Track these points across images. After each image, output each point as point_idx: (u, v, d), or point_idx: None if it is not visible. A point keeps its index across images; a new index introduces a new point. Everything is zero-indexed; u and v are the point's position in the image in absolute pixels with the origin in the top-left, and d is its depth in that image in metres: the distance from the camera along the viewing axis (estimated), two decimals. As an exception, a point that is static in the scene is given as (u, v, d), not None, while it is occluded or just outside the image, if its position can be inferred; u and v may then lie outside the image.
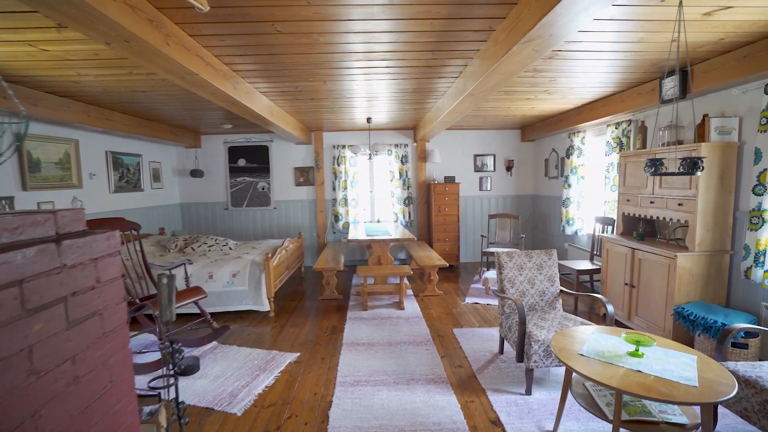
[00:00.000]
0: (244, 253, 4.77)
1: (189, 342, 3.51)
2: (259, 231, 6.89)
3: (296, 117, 5.32)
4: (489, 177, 6.90)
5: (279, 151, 6.77)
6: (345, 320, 4.16)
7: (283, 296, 5.07)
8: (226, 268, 4.32)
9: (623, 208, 3.99)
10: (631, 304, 3.66)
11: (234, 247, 5.20)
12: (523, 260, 3.24)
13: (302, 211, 6.87)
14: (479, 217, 6.97)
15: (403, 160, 6.63)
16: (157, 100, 4.04)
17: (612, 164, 4.54)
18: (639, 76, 3.52)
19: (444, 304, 4.66)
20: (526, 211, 6.98)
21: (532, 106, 4.82)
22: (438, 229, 6.40)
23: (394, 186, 6.67)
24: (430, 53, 2.84)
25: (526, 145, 6.92)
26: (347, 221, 6.72)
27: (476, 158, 6.87)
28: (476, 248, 7.00)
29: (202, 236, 5.32)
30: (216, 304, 4.27)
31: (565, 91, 4.04)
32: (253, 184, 6.80)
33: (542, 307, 3.18)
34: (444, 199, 6.37)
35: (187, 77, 2.49)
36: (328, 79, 3.43)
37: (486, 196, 6.93)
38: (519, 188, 6.97)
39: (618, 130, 4.45)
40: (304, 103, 4.43)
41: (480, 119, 5.82)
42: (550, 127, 5.75)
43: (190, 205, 6.87)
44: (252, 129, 6.35)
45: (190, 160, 6.75)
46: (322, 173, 6.71)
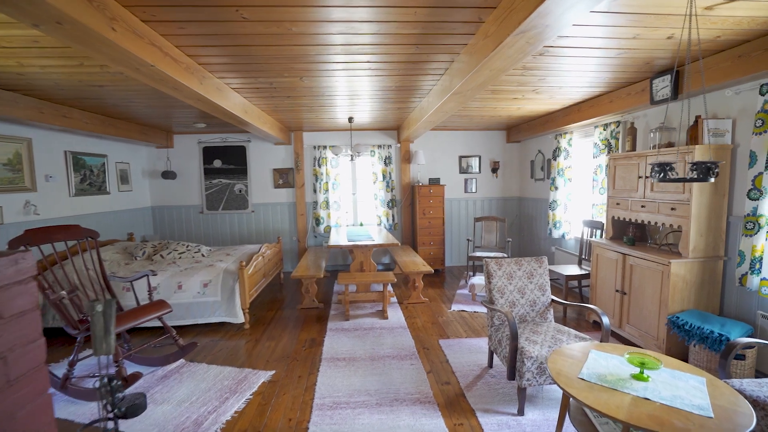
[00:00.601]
0: (217, 261, 4.47)
1: (152, 361, 3.21)
2: (236, 235, 6.57)
3: (273, 116, 5.05)
4: (474, 179, 6.75)
5: (257, 152, 6.46)
6: (325, 332, 3.92)
7: (260, 306, 4.78)
8: (197, 277, 4.02)
9: (613, 212, 3.88)
10: (622, 311, 3.54)
11: (207, 253, 4.89)
12: (512, 268, 3.06)
13: (282, 214, 6.58)
14: (465, 220, 6.81)
15: (386, 162, 6.42)
16: (118, 96, 3.72)
17: (600, 166, 4.43)
18: (630, 76, 3.39)
19: (429, 312, 4.46)
20: (511, 214, 6.87)
21: (519, 106, 4.68)
22: (423, 233, 6.22)
23: (378, 188, 6.46)
24: (413, 47, 2.63)
25: (512, 146, 6.80)
26: (329, 225, 6.46)
27: (461, 159, 6.71)
28: (462, 252, 6.84)
29: (172, 242, 4.98)
30: (186, 317, 3.96)
31: (553, 90, 3.90)
32: (230, 186, 6.48)
33: (533, 318, 3.02)
34: (429, 202, 6.19)
35: (142, 69, 2.22)
36: (305, 75, 3.19)
37: (471, 199, 6.79)
38: (505, 190, 6.85)
39: (606, 132, 4.34)
40: (280, 101, 4.16)
41: (465, 120, 5.66)
42: (537, 128, 5.64)
43: (162, 209, 6.49)
44: (228, 129, 6.04)
45: (161, 161, 6.37)
46: (302, 175, 6.44)
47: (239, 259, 4.67)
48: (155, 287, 3.92)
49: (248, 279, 4.11)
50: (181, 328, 4.03)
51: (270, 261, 5.16)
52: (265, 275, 4.83)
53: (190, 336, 3.89)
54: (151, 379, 2.97)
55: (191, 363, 3.25)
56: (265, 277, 4.84)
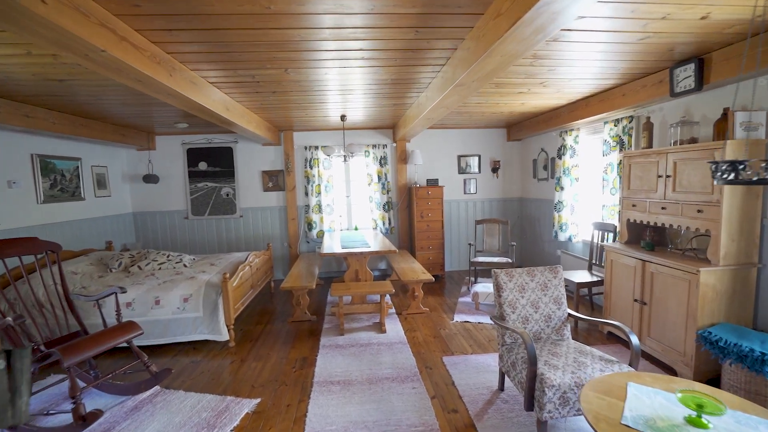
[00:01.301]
0: (199, 272, 4.11)
1: (122, 389, 2.85)
2: (223, 242, 6.20)
3: (260, 115, 4.70)
4: (474, 179, 6.44)
5: (245, 153, 6.11)
6: (318, 349, 3.58)
7: (247, 319, 4.43)
8: (177, 291, 3.66)
9: (628, 214, 3.58)
10: (642, 323, 3.24)
11: (190, 263, 4.53)
12: (524, 280, 2.75)
13: (272, 219, 6.23)
14: (464, 222, 6.50)
15: (381, 162, 6.10)
16: (85, 93, 3.36)
17: (611, 165, 4.13)
18: (648, 65, 3.09)
19: (430, 323, 4.14)
20: (513, 216, 6.57)
21: (524, 101, 4.38)
22: (421, 237, 5.90)
23: (373, 190, 6.13)
24: (412, 32, 2.31)
25: (513, 144, 6.50)
26: (322, 229, 6.12)
27: (460, 159, 6.40)
28: (462, 256, 6.53)
29: (152, 252, 4.62)
30: (164, 335, 3.61)
31: (562, 83, 3.60)
32: (216, 189, 6.11)
33: (548, 335, 2.70)
34: (427, 204, 5.87)
35: (91, 55, 1.87)
36: (291, 67, 2.85)
37: (471, 200, 6.48)
38: (506, 191, 6.55)
39: (618, 128, 4.04)
40: (265, 98, 3.82)
41: (464, 117, 5.35)
42: (540, 125, 5.34)
43: (144, 215, 6.11)
44: (213, 129, 5.68)
45: (143, 164, 6.00)
46: (293, 177, 6.09)
47: (224, 269, 4.32)
48: (130, 302, 3.56)
49: (233, 292, 3.76)
50: (160, 348, 3.67)
51: (259, 270, 4.81)
52: (253, 286, 4.48)
53: (170, 356, 3.54)
54: (119, 413, 2.62)
55: (167, 390, 2.90)
56: (253, 288, 4.49)
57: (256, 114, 4.65)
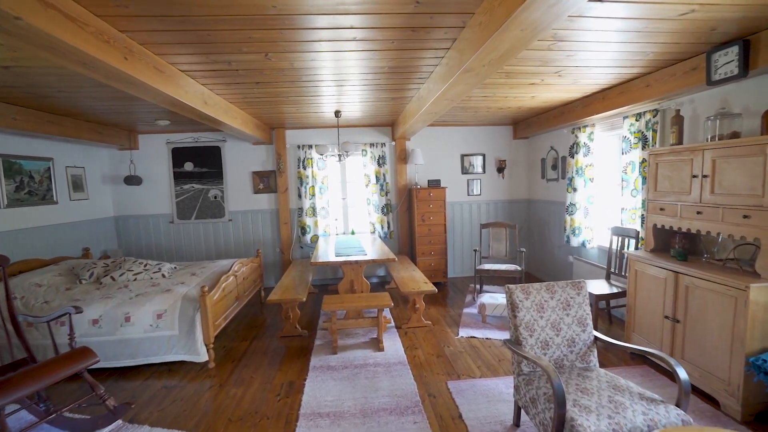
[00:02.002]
0: (178, 284, 3.72)
1: (78, 425, 2.46)
2: (211, 248, 5.81)
3: (246, 110, 4.31)
4: (478, 180, 6.06)
5: (233, 153, 5.72)
6: (307, 371, 3.19)
7: (232, 334, 4.04)
8: (149, 306, 3.27)
9: (655, 219, 3.19)
10: (674, 343, 2.84)
11: (169, 273, 4.13)
12: (543, 297, 2.36)
13: (263, 222, 5.84)
14: (468, 226, 6.11)
15: (380, 162, 5.71)
16: (40, 83, 2.97)
17: (632, 164, 3.74)
18: (682, 48, 2.70)
19: (433, 339, 3.75)
20: (520, 219, 6.18)
21: (534, 95, 3.99)
22: (422, 242, 5.51)
23: (370, 192, 5.74)
24: (412, 3, 1.92)
25: (520, 143, 6.11)
26: (316, 234, 5.73)
27: (463, 159, 6.02)
28: (465, 262, 6.14)
29: (129, 260, 4.23)
30: (135, 355, 3.22)
31: (579, 72, 3.21)
32: (204, 192, 5.73)
33: (572, 362, 2.31)
34: (428, 207, 5.48)
35: (5, 26, 1.48)
36: (271, 50, 2.47)
37: (475, 202, 6.09)
38: (512, 192, 6.16)
39: (640, 123, 3.66)
40: (249, 90, 3.44)
41: (469, 113, 4.96)
42: (549, 122, 4.96)
43: (127, 219, 5.72)
44: (199, 127, 5.30)
45: (125, 165, 5.61)
46: (285, 178, 5.71)
47: (207, 280, 3.93)
48: (97, 319, 3.17)
49: (213, 307, 3.37)
50: (131, 370, 3.29)
51: (246, 279, 4.43)
52: (238, 297, 4.09)
53: (141, 379, 3.15)
54: (69, 456, 2.23)
55: (130, 425, 2.51)
56: (239, 299, 4.10)
57: (242, 110, 4.26)
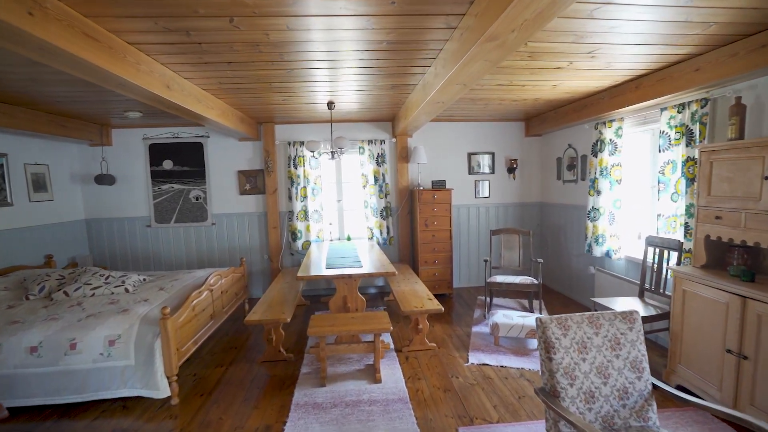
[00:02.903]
0: (140, 301, 3.18)
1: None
2: (193, 254, 5.28)
3: (225, 99, 3.77)
4: (486, 181, 5.52)
5: (217, 150, 5.19)
6: (289, 409, 2.65)
7: (206, 357, 3.50)
8: (101, 330, 2.73)
9: (708, 229, 2.65)
10: (740, 384, 2.30)
11: (135, 287, 3.59)
12: (585, 333, 1.83)
13: (250, 227, 5.30)
14: (476, 231, 5.57)
15: (379, 161, 5.17)
16: (-34, 62, 2.44)
17: (672, 163, 3.21)
18: (754, 18, 2.17)
19: (439, 366, 3.21)
20: (532, 224, 5.64)
21: (558, 82, 3.45)
22: (425, 249, 4.97)
23: (368, 193, 5.20)
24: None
25: (532, 140, 5.58)
26: (308, 240, 5.19)
27: (471, 157, 5.48)
28: (473, 270, 5.60)
29: (89, 271, 3.69)
30: (83, 390, 2.68)
31: (617, 51, 2.67)
32: (184, 192, 5.19)
33: (625, 420, 1.77)
34: (432, 210, 4.95)
35: None
36: (236, 14, 1.93)
37: (483, 205, 5.55)
38: (524, 195, 5.62)
39: (683, 115, 3.12)
40: (221, 73, 2.90)
41: (478, 107, 4.43)
42: (568, 117, 4.42)
43: (99, 222, 5.19)
44: (178, 121, 4.77)
45: (98, 162, 5.08)
46: (274, 178, 5.17)
47: (177, 295, 3.39)
48: (36, 347, 2.64)
49: (179, 331, 2.84)
50: (77, 407, 2.75)
51: (226, 293, 3.89)
52: (214, 316, 3.56)
53: (90, 418, 2.62)
54: None
55: (57, 491, 1.97)
56: (215, 318, 3.56)
57: (219, 98, 3.72)
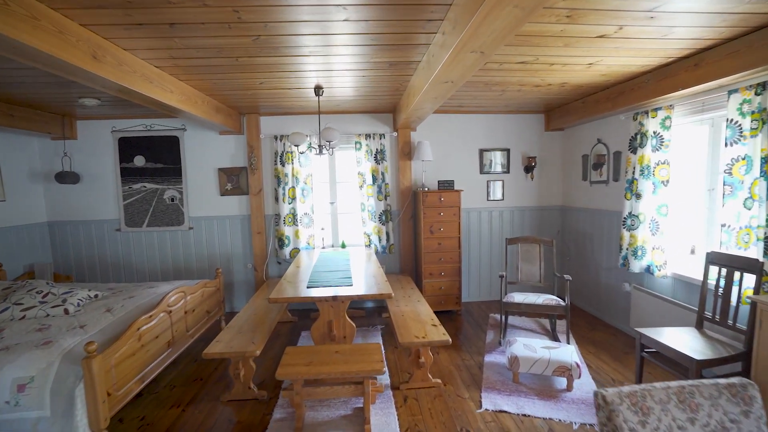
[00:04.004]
0: (74, 328, 2.57)
1: None
2: (168, 262, 4.68)
3: (189, 81, 3.15)
4: (500, 181, 4.85)
5: (195, 145, 4.58)
6: (248, 478, 2.03)
7: (163, 393, 2.89)
8: (10, 370, 2.13)
9: (809, 248, 1.97)
10: None
11: (78, 307, 2.98)
12: (675, 419, 1.17)
13: (232, 231, 4.69)
14: (487, 237, 4.90)
15: (378, 158, 4.53)
16: None
17: (747, 159, 2.52)
18: None
19: (445, 412, 2.56)
20: (551, 230, 4.95)
21: (595, 59, 2.77)
22: (430, 259, 4.32)
23: (366, 195, 4.56)
24: None
25: (553, 136, 4.89)
26: (297, 247, 4.57)
27: (483, 155, 4.81)
28: (483, 282, 4.93)
29: (28, 285, 3.09)
30: (-14, 447, 2.08)
31: (682, 9, 2.01)
32: (158, 193, 4.60)
33: None
34: (438, 215, 4.30)
35: None
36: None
37: (497, 208, 4.88)
38: (543, 197, 4.94)
39: (763, 97, 2.43)
40: (166, 38, 2.27)
41: (493, 94, 3.76)
42: (599, 106, 3.74)
43: (63, 225, 4.62)
44: (149, 112, 4.18)
45: (66, 158, 4.51)
46: (259, 177, 4.55)
47: (127, 318, 2.78)
48: (-73, 391, 2.04)
49: (113, 370, 2.22)
50: (-21, 468, 2.15)
51: (192, 313, 3.28)
52: (173, 343, 2.94)
53: (-7, 484, 2.01)
54: None
55: None
56: (173, 346, 2.95)
57: (183, 81, 3.10)
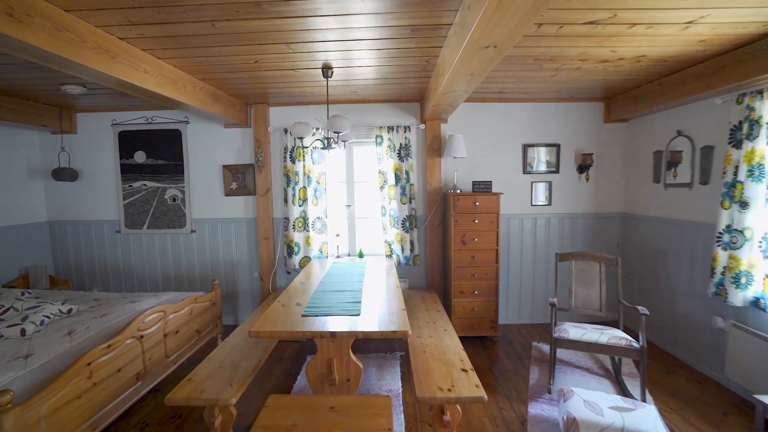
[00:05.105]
0: (18, 358, 2.11)
1: None
2: (169, 268, 4.25)
3: (171, 61, 2.63)
4: (548, 183, 4.06)
5: (198, 139, 4.12)
6: None
7: (132, 435, 2.39)
8: None
9: None
10: None
11: (39, 326, 2.53)
12: None
13: (237, 236, 4.20)
14: (530, 250, 4.13)
15: (402, 154, 3.88)
16: None
17: None
18: None
19: (479, 499, 1.88)
20: (610, 243, 4.11)
21: (701, 13, 1.99)
22: (461, 274, 3.62)
23: (387, 197, 3.93)
24: None
25: (614, 128, 4.04)
26: (308, 256, 4.00)
27: (526, 151, 4.05)
28: (525, 302, 4.16)
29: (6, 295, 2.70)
30: None
31: None
32: (159, 192, 4.18)
33: None
34: (472, 222, 3.59)
35: None
36: None
37: (542, 215, 4.10)
38: (601, 203, 4.10)
39: None
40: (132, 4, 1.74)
41: (544, 75, 3.01)
42: (683, 88, 2.90)
43: (63, 225, 4.30)
44: (149, 103, 3.75)
45: (63, 154, 4.18)
46: (267, 175, 4.03)
47: (88, 343, 2.30)
48: None
49: (42, 424, 1.72)
50: None
51: (175, 335, 2.78)
52: (143, 375, 2.43)
53: None
54: None
55: None
56: (143, 378, 2.44)
57: (166, 61, 2.58)
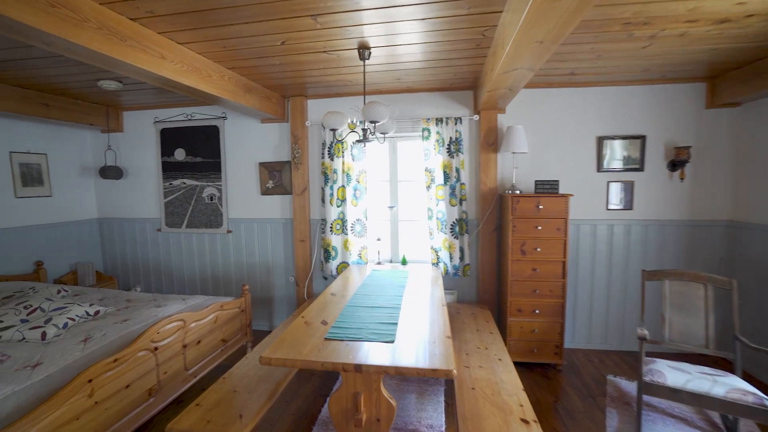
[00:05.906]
0: (26, 367, 1.96)
1: None
2: (206, 268, 4.14)
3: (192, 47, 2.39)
4: (629, 183, 3.37)
5: (235, 135, 3.95)
6: None
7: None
8: None
9: None
10: None
11: (61, 329, 2.41)
12: None
13: (273, 237, 3.97)
14: (605, 263, 3.46)
15: (451, 149, 3.41)
16: None
17: None
18: None
19: None
20: (712, 258, 3.32)
21: None
22: (519, 289, 3.08)
23: (435, 198, 3.48)
24: None
25: (719, 115, 3.25)
26: (345, 261, 3.67)
27: (602, 144, 3.39)
28: (597, 323, 3.50)
29: (26, 296, 2.65)
30: None
31: None
32: (197, 190, 4.07)
33: None
34: (534, 228, 3.03)
35: None
36: None
37: (621, 221, 3.41)
38: (699, 207, 3.33)
39: None
40: None
41: (631, 49, 2.39)
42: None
43: (111, 223, 4.36)
44: (189, 99, 3.63)
45: (112, 152, 4.23)
46: (304, 173, 3.75)
47: (101, 353, 2.12)
48: None
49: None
50: None
51: (196, 346, 2.56)
52: (156, 391, 2.21)
53: None
54: None
55: None
56: (155, 395, 2.22)
57: (186, 46, 2.35)
